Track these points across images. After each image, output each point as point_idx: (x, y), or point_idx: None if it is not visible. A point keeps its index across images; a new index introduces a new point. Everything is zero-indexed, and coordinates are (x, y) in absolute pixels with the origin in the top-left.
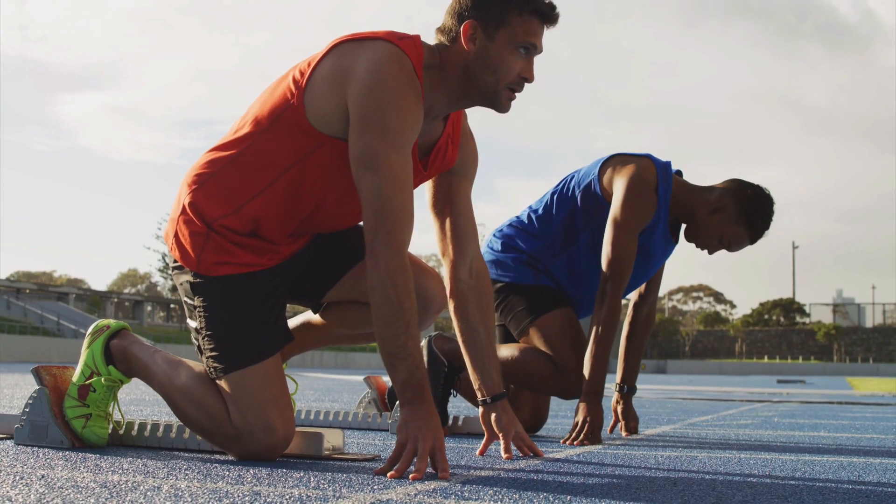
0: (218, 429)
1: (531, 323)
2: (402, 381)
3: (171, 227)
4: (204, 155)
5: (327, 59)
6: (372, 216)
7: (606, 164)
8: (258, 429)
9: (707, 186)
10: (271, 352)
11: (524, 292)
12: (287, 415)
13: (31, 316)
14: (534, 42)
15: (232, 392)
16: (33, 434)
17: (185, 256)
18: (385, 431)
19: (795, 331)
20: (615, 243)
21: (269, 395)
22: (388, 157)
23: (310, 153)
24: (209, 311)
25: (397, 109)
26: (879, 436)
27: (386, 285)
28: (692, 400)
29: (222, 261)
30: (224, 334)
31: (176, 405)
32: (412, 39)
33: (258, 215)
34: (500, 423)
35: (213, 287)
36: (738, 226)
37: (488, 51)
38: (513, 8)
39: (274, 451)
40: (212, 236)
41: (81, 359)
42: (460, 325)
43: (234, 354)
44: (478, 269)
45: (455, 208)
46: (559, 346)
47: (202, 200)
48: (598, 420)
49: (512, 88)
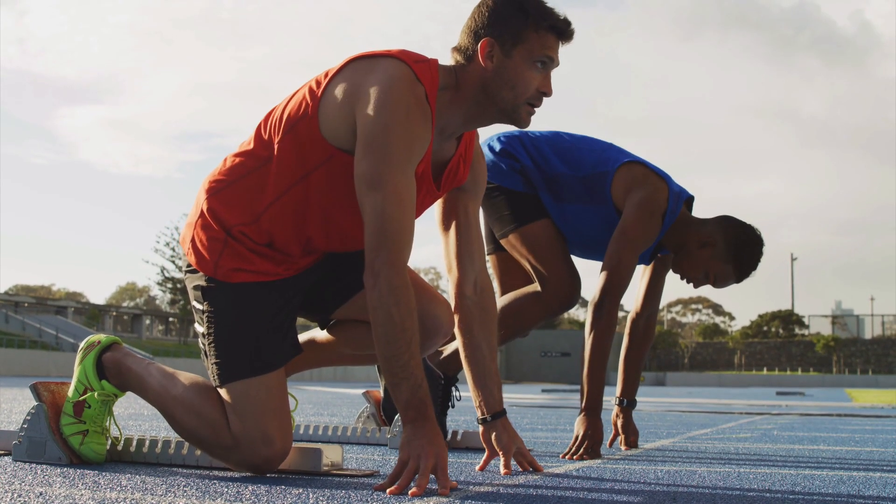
0: (216, 438)
1: (515, 229)
2: (404, 400)
3: (189, 232)
4: (225, 160)
5: (342, 73)
6: (374, 235)
7: (626, 169)
8: (257, 439)
9: (701, 219)
10: (277, 364)
11: (511, 197)
12: (286, 428)
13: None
14: (551, 55)
15: (233, 401)
16: (31, 450)
17: (202, 261)
18: (384, 446)
19: (794, 342)
20: (621, 258)
21: (271, 407)
22: (392, 177)
23: (319, 166)
24: (217, 317)
25: (403, 131)
26: (879, 449)
27: (388, 304)
28: (691, 413)
29: (239, 267)
30: (230, 342)
31: (172, 416)
32: (428, 64)
33: (271, 227)
34: (500, 442)
35: (224, 293)
36: (725, 263)
37: (506, 67)
38: (529, 24)
39: (271, 462)
40: (230, 242)
41: (74, 375)
42: (463, 340)
43: (239, 364)
44: (482, 286)
45: (462, 225)
46: (547, 255)
47: (220, 207)
48: (597, 434)
49: (531, 103)
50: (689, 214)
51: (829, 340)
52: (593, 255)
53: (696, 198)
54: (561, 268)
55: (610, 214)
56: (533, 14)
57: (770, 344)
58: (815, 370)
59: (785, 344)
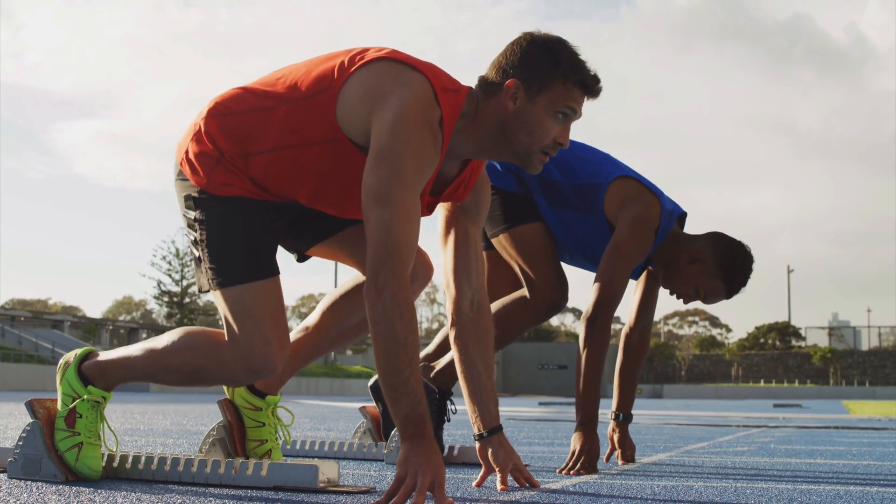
0: (214, 359)
1: (507, 229)
2: (403, 416)
3: (184, 143)
4: (236, 89)
5: (372, 66)
6: (379, 248)
7: (621, 184)
8: (255, 341)
9: (691, 235)
10: (271, 270)
11: (505, 197)
12: (283, 333)
13: (25, 344)
14: (574, 108)
15: (230, 306)
16: (27, 468)
17: (194, 173)
18: (381, 462)
19: (791, 354)
20: (614, 273)
21: (269, 311)
22: (400, 194)
23: (323, 142)
24: (210, 224)
25: (415, 152)
26: (876, 462)
27: (393, 319)
28: (688, 426)
29: (230, 182)
30: (224, 248)
31: (167, 367)
32: (457, 95)
33: (257, 173)
34: (497, 458)
35: (216, 204)
36: (715, 279)
37: (527, 112)
38: (558, 75)
39: (270, 362)
40: (223, 161)
41: (59, 392)
42: (459, 356)
43: (234, 268)
44: (479, 304)
45: (461, 245)
46: (536, 258)
47: (216, 132)
48: (594, 449)
49: (545, 152)
50: (680, 231)
51: (826, 352)
52: (582, 262)
53: (693, 210)
54: (549, 271)
55: (601, 225)
56: (564, 65)
57: (767, 356)
58: (812, 382)
59: (782, 356)
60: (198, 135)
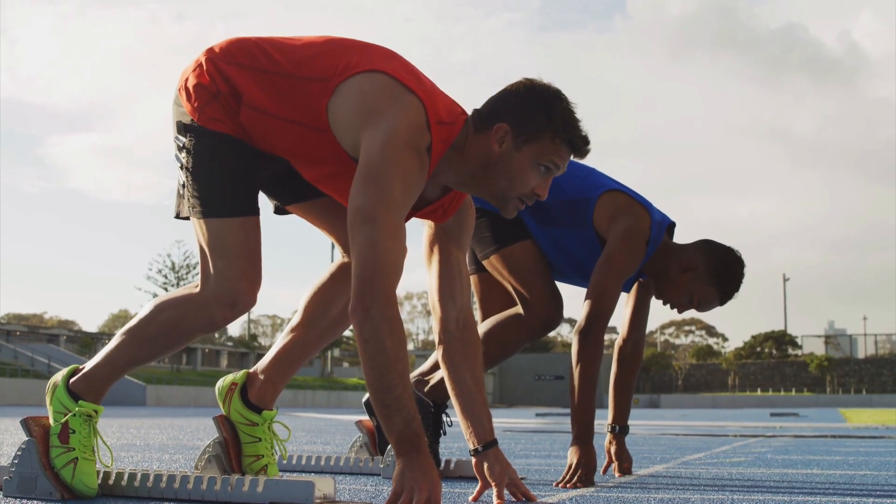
0: (189, 306)
1: (497, 250)
2: (398, 433)
3: (187, 72)
4: (251, 41)
5: (376, 76)
6: (366, 266)
7: (610, 197)
8: (229, 274)
9: (680, 245)
10: (253, 209)
11: (493, 218)
12: (256, 269)
13: (21, 358)
14: (558, 164)
15: (207, 238)
16: (22, 486)
17: (189, 102)
18: (377, 476)
19: (788, 363)
20: (606, 286)
21: (243, 248)
22: (387, 214)
23: (308, 126)
24: (197, 155)
25: (403, 174)
26: (873, 472)
27: (383, 336)
28: (686, 436)
29: (222, 119)
30: (210, 179)
31: (146, 339)
32: (452, 127)
33: (248, 123)
34: (493, 473)
35: (205, 136)
36: (708, 286)
37: (511, 159)
38: (549, 129)
39: (244, 296)
40: (219, 98)
41: (50, 412)
42: (448, 373)
43: (217, 200)
44: (465, 322)
45: (444, 267)
46: (529, 277)
47: (217, 74)
48: (591, 462)
49: (522, 199)
50: (669, 241)
51: (823, 360)
52: (575, 279)
53: (688, 218)
54: (543, 289)
55: (592, 240)
56: (556, 121)
57: (763, 364)
58: (808, 390)
59: (778, 364)
60: (200, 68)
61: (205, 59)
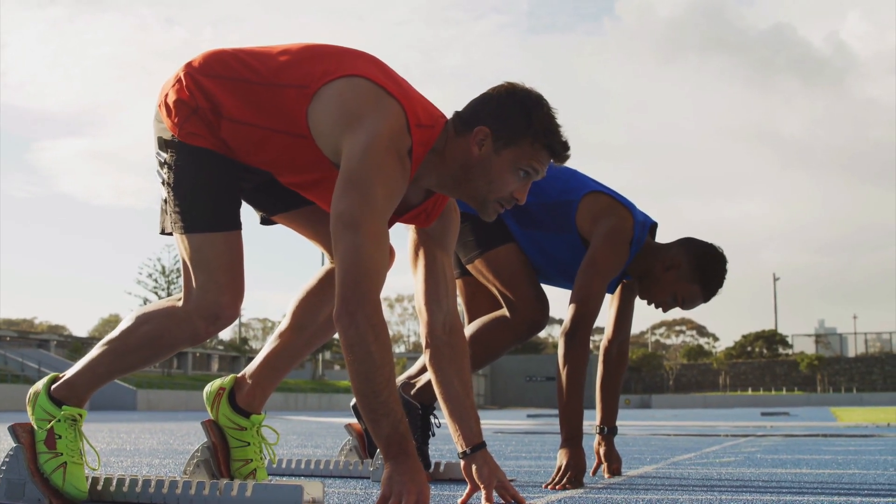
0: (171, 318)
1: (481, 254)
2: (385, 437)
3: (167, 87)
4: (227, 52)
5: (356, 81)
6: (350, 272)
7: (592, 199)
8: (210, 287)
9: (662, 244)
10: (234, 224)
11: (475, 222)
12: (239, 282)
13: (11, 364)
14: (537, 169)
15: (189, 253)
16: (10, 492)
17: (170, 117)
18: (367, 479)
19: (778, 362)
20: (591, 288)
21: (224, 262)
22: (370, 219)
23: (286, 133)
24: (178, 171)
25: (385, 179)
26: (861, 471)
27: (368, 341)
28: (676, 436)
29: (202, 134)
30: (191, 194)
31: (128, 350)
32: (430, 131)
33: (229, 136)
34: (481, 475)
35: (186, 151)
36: (692, 283)
37: (491, 162)
38: (529, 134)
39: (226, 309)
40: (198, 113)
41: (33, 420)
42: (436, 377)
43: (198, 216)
44: (451, 325)
45: (430, 272)
46: (513, 280)
47: (196, 89)
48: (580, 464)
49: (500, 203)
50: (652, 241)
51: (813, 359)
52: (559, 281)
53: (678, 221)
54: (528, 291)
55: (574, 242)
56: (536, 126)
57: (754, 364)
58: (799, 389)
59: (769, 364)
60: (179, 83)
61: (184, 73)
